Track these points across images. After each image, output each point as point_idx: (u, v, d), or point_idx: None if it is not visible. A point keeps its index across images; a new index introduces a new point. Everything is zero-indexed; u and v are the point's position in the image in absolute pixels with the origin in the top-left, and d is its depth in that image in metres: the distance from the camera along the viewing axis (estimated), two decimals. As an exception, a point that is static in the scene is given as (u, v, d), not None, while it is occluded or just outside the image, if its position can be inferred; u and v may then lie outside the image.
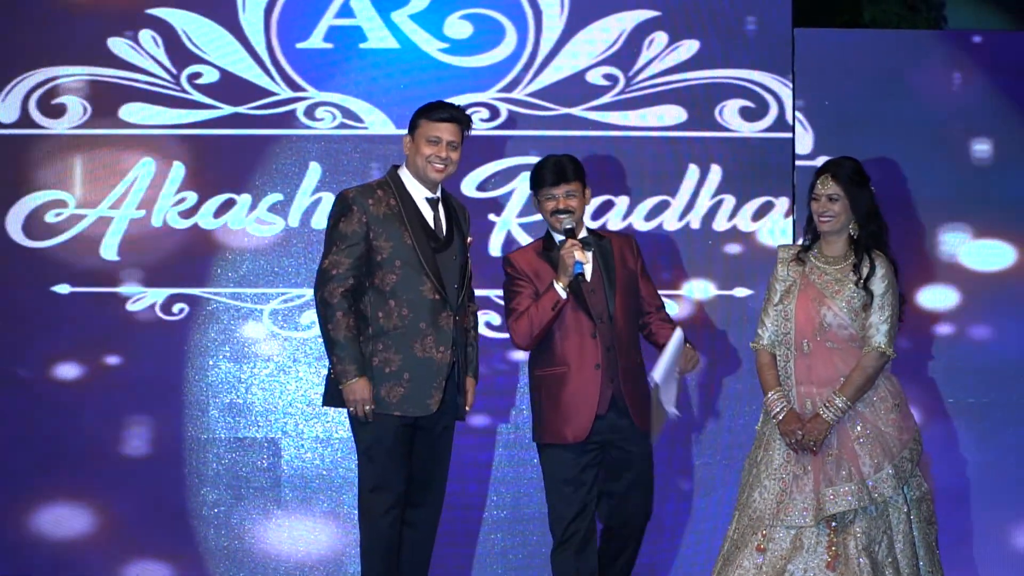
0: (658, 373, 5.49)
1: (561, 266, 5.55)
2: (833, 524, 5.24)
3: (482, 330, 6.69)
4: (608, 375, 5.58)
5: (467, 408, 5.63)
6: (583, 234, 5.67)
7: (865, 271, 5.31)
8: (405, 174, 5.57)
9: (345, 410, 5.50)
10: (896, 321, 5.32)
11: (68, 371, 6.76)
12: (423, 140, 5.50)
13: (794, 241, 6.55)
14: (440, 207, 5.59)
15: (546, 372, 5.66)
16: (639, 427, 5.61)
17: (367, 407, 5.39)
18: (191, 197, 6.80)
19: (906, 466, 5.28)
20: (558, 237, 5.67)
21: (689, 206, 6.82)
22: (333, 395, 5.49)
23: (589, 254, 5.58)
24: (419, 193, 5.55)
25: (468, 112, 5.59)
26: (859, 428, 5.29)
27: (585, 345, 5.60)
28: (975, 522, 6.82)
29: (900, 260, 5.49)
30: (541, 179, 5.66)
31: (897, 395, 5.35)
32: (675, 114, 6.81)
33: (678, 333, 5.58)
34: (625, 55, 6.81)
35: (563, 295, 5.56)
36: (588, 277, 5.58)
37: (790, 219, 6.81)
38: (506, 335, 6.74)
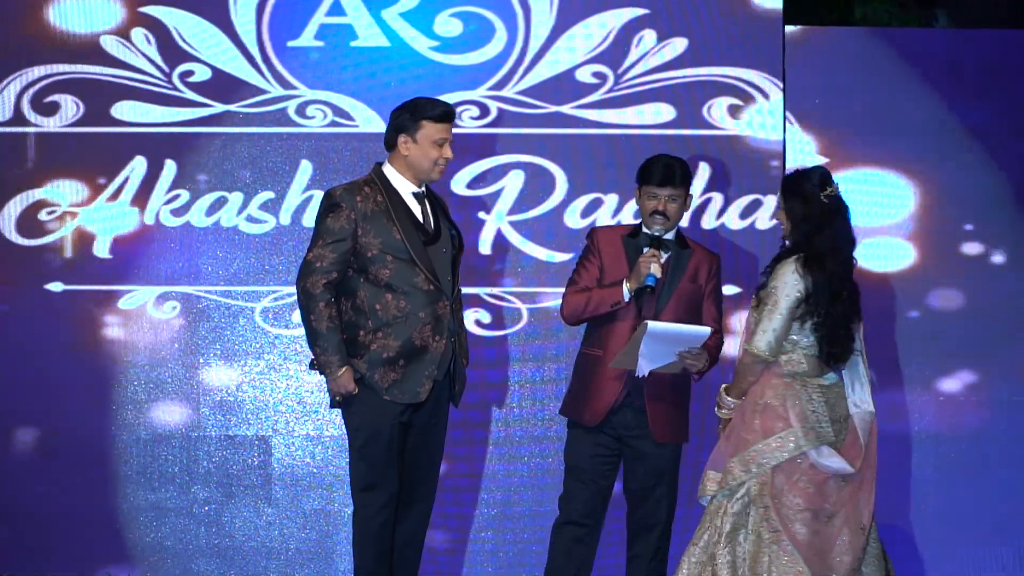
0: (654, 324, 5.44)
1: (635, 271, 5.55)
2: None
3: (472, 328, 6.70)
4: (630, 371, 5.58)
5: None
6: (670, 236, 5.64)
7: (765, 278, 5.30)
8: (390, 170, 5.56)
9: (340, 409, 5.53)
10: (778, 325, 5.16)
11: (61, 369, 6.78)
12: (429, 143, 5.48)
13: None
14: (425, 201, 5.59)
15: (586, 351, 5.73)
16: (654, 434, 5.61)
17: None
18: (183, 195, 6.81)
19: (741, 467, 5.21)
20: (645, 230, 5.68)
21: (677, 204, 6.82)
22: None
23: (657, 267, 5.53)
24: (405, 189, 5.54)
25: (457, 108, 5.64)
26: (730, 422, 5.34)
27: (621, 336, 5.59)
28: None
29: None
30: (648, 175, 5.65)
31: (776, 397, 5.23)
32: (664, 112, 6.81)
33: (706, 329, 5.51)
34: (614, 53, 6.79)
35: (626, 298, 5.58)
36: (655, 290, 5.55)
37: (777, 218, 6.81)
38: (496, 333, 6.82)
